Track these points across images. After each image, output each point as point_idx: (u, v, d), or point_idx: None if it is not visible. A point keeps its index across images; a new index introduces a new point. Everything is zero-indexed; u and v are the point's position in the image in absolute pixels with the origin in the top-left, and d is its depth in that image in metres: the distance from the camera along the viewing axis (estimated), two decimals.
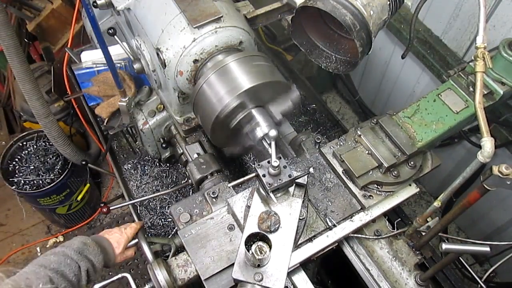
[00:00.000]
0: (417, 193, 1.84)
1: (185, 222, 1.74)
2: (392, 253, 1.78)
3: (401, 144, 1.76)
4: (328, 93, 4.65)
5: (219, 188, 1.82)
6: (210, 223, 1.71)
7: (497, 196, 3.00)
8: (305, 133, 2.07)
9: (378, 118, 1.87)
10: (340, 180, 1.84)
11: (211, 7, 1.75)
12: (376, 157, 1.77)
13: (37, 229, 4.03)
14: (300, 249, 1.67)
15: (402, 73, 3.39)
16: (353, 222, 1.75)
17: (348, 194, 1.81)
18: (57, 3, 3.35)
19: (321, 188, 1.82)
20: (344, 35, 1.88)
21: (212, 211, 1.77)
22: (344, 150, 1.81)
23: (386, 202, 1.79)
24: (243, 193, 1.73)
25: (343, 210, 1.77)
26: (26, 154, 3.45)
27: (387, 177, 1.77)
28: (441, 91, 1.90)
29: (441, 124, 1.81)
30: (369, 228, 1.81)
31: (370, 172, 1.77)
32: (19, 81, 2.41)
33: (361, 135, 1.82)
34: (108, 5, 1.98)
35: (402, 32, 2.99)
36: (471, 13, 2.52)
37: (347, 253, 1.80)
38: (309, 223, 1.72)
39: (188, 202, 1.81)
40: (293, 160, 1.92)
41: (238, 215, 1.68)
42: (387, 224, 1.85)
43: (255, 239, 1.49)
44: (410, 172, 1.79)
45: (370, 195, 1.78)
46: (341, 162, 1.82)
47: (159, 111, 2.29)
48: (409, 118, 1.84)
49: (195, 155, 2.14)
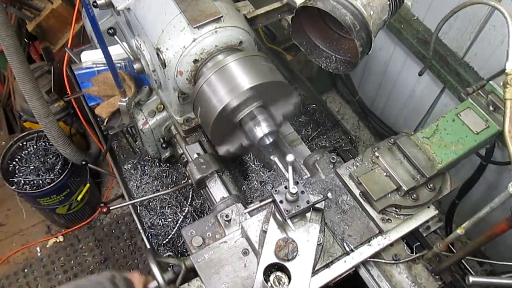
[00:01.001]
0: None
1: (197, 246, 1.69)
2: (411, 278, 1.72)
3: (420, 166, 1.70)
4: (328, 93, 4.65)
5: (232, 210, 1.77)
6: (224, 247, 1.67)
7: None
8: (319, 152, 2.01)
9: (396, 139, 1.82)
10: (357, 203, 1.79)
11: (211, 7, 1.75)
12: (394, 180, 1.72)
13: (37, 229, 4.02)
14: (317, 276, 1.63)
15: (402, 73, 3.39)
16: (371, 246, 1.70)
17: (365, 217, 1.76)
18: (57, 3, 3.35)
19: (337, 210, 1.77)
20: (344, 35, 1.88)
21: (225, 234, 1.73)
22: (361, 171, 1.76)
23: (404, 225, 1.74)
24: (257, 217, 1.69)
25: (360, 234, 1.72)
26: (26, 154, 3.45)
27: (406, 200, 1.72)
28: (460, 111, 1.85)
29: (461, 145, 1.76)
30: (387, 252, 1.76)
31: (389, 195, 1.72)
32: (19, 81, 2.41)
33: (379, 157, 1.77)
34: (108, 5, 1.98)
35: (402, 32, 2.99)
36: (471, 13, 2.53)
37: (364, 277, 1.75)
38: (326, 248, 1.68)
39: (200, 225, 1.77)
40: (307, 181, 1.87)
41: (252, 239, 1.64)
42: (406, 248, 1.80)
43: (273, 268, 1.46)
44: (430, 195, 1.75)
45: (389, 219, 1.73)
46: (358, 184, 1.77)
47: (159, 111, 2.29)
48: (428, 139, 1.79)
49: (195, 155, 2.14)
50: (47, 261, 3.86)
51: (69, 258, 3.87)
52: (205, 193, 2.10)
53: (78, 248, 3.92)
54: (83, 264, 3.83)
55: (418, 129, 3.52)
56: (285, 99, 1.75)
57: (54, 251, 3.90)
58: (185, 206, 2.45)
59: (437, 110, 3.25)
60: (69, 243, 3.94)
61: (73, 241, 3.95)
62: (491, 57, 2.56)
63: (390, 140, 1.85)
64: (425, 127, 1.84)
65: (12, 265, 3.84)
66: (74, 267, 3.82)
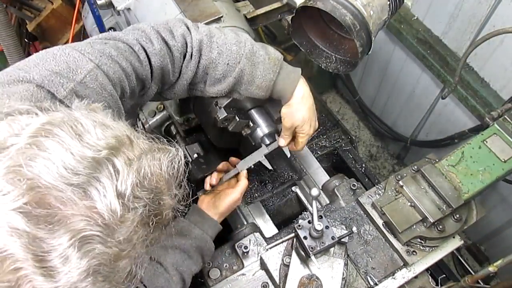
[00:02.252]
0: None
1: (214, 279, 1.65)
2: None
3: (447, 196, 1.64)
4: (328, 93, 4.65)
5: (249, 240, 1.71)
6: (242, 280, 1.62)
7: (497, 196, 3.00)
8: (338, 177, 1.95)
9: (420, 166, 1.76)
10: (380, 233, 1.73)
11: (211, 7, 1.75)
12: (419, 210, 1.66)
13: None
14: None
15: (402, 73, 3.39)
16: (395, 280, 1.64)
17: (389, 249, 1.70)
18: (57, 3, 3.36)
19: (359, 241, 1.71)
20: (344, 35, 1.88)
21: (243, 266, 1.67)
22: (384, 201, 1.71)
23: (429, 257, 1.68)
24: (277, 248, 1.64)
25: (384, 266, 1.66)
26: None
27: (432, 232, 1.66)
28: (486, 137, 1.77)
29: (488, 174, 1.69)
30: (411, 284, 1.69)
31: (414, 226, 1.66)
32: None
33: (403, 186, 1.71)
34: (108, 5, 1.98)
35: (402, 32, 2.99)
36: (471, 13, 2.52)
37: None
38: (350, 282, 1.62)
39: (217, 255, 1.70)
40: (327, 208, 1.82)
41: (272, 272, 1.59)
42: (430, 280, 1.74)
43: None
44: (456, 226, 1.69)
45: (414, 251, 1.67)
46: (381, 214, 1.72)
47: (159, 111, 2.29)
48: (453, 167, 1.73)
49: (195, 155, 2.14)
50: None
51: None
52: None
53: None
54: None
55: (418, 129, 3.54)
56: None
57: None
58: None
59: (437, 110, 3.25)
60: None
61: None
62: (491, 57, 2.56)
63: (413, 167, 1.78)
64: (450, 154, 1.77)
65: None
66: None
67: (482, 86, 2.70)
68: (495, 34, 1.88)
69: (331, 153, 2.46)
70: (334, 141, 2.50)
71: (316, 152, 2.42)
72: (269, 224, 1.95)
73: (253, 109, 1.73)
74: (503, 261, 1.46)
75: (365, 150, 4.32)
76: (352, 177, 1.98)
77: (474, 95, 2.73)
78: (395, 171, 3.52)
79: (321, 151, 2.45)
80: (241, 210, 1.99)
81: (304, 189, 2.08)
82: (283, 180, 2.08)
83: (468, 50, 2.01)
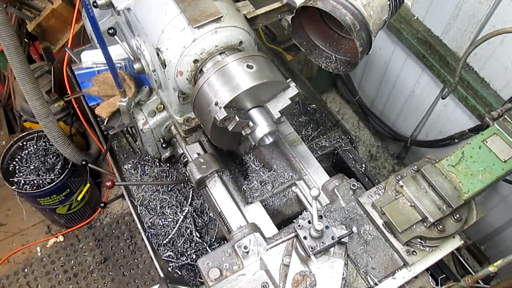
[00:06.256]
0: None
1: (214, 279, 1.64)
2: None
3: (447, 196, 1.64)
4: (328, 93, 4.65)
5: (250, 240, 1.71)
6: (242, 280, 1.61)
7: (497, 196, 3.01)
8: (338, 177, 1.95)
9: (420, 166, 1.76)
10: (380, 233, 1.73)
11: (211, 7, 1.75)
12: (419, 210, 1.66)
13: (37, 229, 4.03)
14: None
15: (402, 73, 3.39)
16: (395, 279, 1.64)
17: (389, 249, 1.70)
18: (57, 3, 3.35)
19: (360, 241, 1.71)
20: (344, 35, 1.88)
21: (243, 266, 1.67)
22: (384, 201, 1.70)
23: (429, 257, 1.68)
24: (277, 249, 1.63)
25: (384, 266, 1.66)
26: (26, 154, 3.45)
27: (432, 232, 1.66)
28: (487, 137, 1.77)
29: (488, 174, 1.69)
30: (411, 284, 1.70)
31: (414, 226, 1.66)
32: (19, 81, 2.41)
33: (403, 186, 1.71)
34: (108, 5, 1.98)
35: (402, 32, 2.99)
36: (471, 13, 2.53)
37: None
38: (349, 281, 1.62)
39: (217, 255, 1.70)
40: (327, 208, 1.81)
41: (272, 272, 1.59)
42: (430, 280, 1.74)
43: None
44: (456, 226, 1.69)
45: (414, 251, 1.67)
46: (381, 214, 1.72)
47: (159, 111, 2.29)
48: (453, 167, 1.72)
49: (195, 155, 2.14)
50: (47, 261, 3.86)
51: (69, 258, 3.87)
52: (205, 193, 2.10)
53: (78, 248, 3.92)
54: (83, 264, 3.84)
55: (418, 129, 3.54)
56: (283, 96, 1.73)
57: (54, 251, 3.90)
58: (185, 206, 2.45)
59: (437, 110, 3.25)
60: (69, 243, 3.94)
61: (73, 241, 3.96)
62: (491, 57, 2.56)
63: (413, 167, 1.77)
64: (450, 154, 1.77)
65: (12, 265, 3.84)
66: (74, 267, 3.82)
67: (482, 86, 2.70)
68: (495, 34, 1.88)
69: (331, 153, 2.46)
70: (334, 141, 2.51)
71: (316, 152, 2.42)
72: (269, 224, 1.96)
73: (253, 109, 1.73)
74: (503, 261, 1.46)
75: (365, 150, 4.32)
76: (352, 177, 1.97)
77: (474, 95, 2.73)
78: (395, 171, 3.52)
79: (321, 151, 2.45)
80: (241, 210, 1.99)
81: (304, 189, 2.08)
82: (283, 180, 2.08)
83: (468, 50, 2.02)
